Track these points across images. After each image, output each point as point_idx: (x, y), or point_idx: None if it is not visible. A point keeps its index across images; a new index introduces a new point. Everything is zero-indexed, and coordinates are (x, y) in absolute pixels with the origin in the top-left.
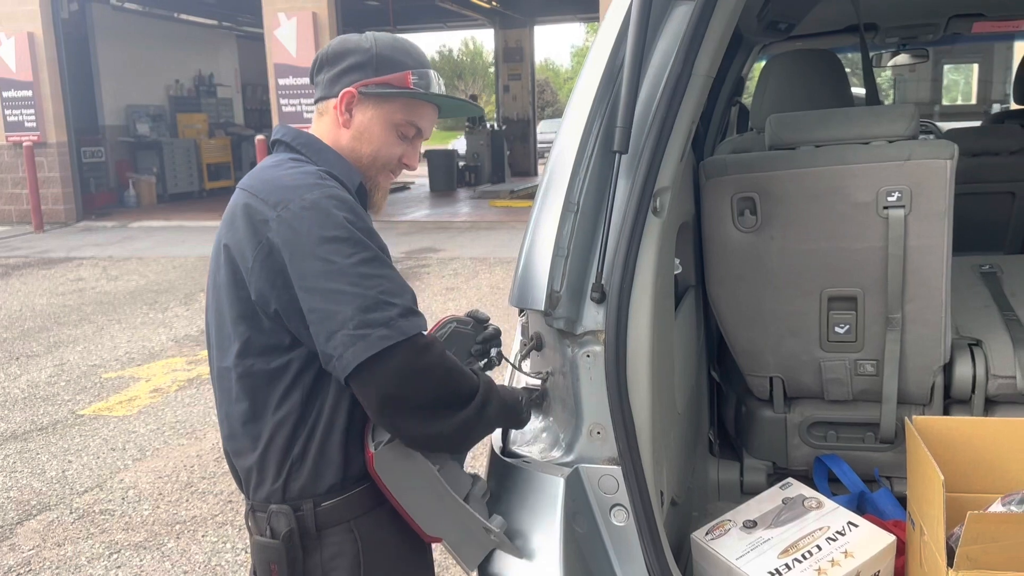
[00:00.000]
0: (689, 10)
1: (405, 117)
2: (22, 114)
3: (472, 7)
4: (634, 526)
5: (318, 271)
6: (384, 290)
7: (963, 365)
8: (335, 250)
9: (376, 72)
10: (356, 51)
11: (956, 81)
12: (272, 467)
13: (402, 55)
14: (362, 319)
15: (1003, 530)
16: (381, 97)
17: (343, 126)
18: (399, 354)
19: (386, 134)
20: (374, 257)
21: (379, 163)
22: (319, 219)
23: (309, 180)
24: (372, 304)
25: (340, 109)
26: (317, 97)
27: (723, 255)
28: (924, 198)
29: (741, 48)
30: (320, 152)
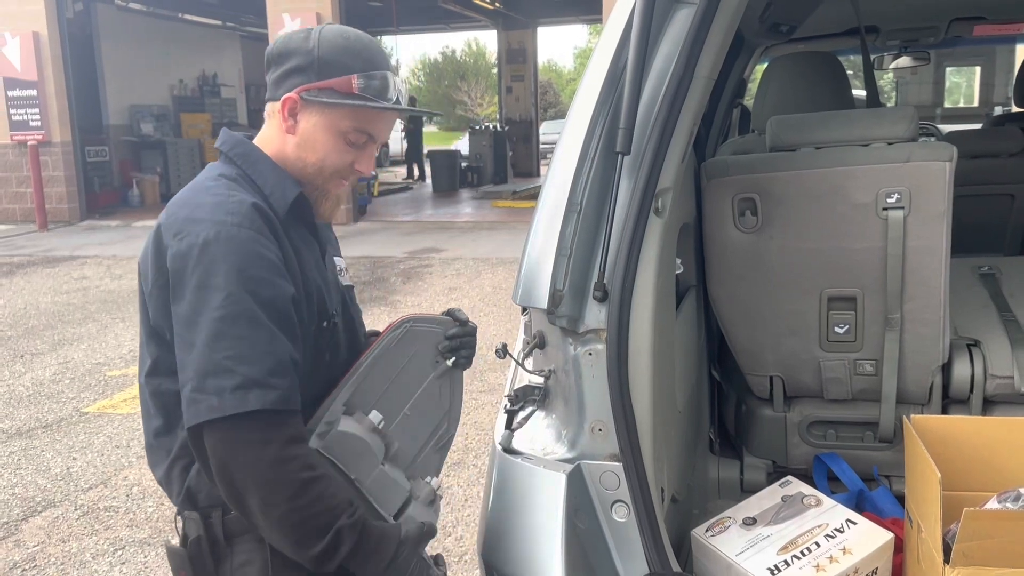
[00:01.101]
0: (691, 13)
1: (353, 124)
2: (27, 113)
3: (475, 8)
4: (635, 522)
5: (183, 316)
6: (232, 355)
7: (961, 365)
8: (203, 299)
9: (318, 76)
10: (298, 52)
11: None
12: (178, 477)
13: (347, 57)
14: (198, 383)
15: (999, 527)
16: (324, 104)
17: (288, 132)
18: (222, 431)
19: (333, 142)
20: (239, 314)
21: (327, 172)
22: (201, 262)
23: (215, 213)
24: (212, 368)
25: (283, 115)
26: (266, 98)
27: (724, 255)
28: (923, 199)
29: (743, 50)
30: (255, 164)
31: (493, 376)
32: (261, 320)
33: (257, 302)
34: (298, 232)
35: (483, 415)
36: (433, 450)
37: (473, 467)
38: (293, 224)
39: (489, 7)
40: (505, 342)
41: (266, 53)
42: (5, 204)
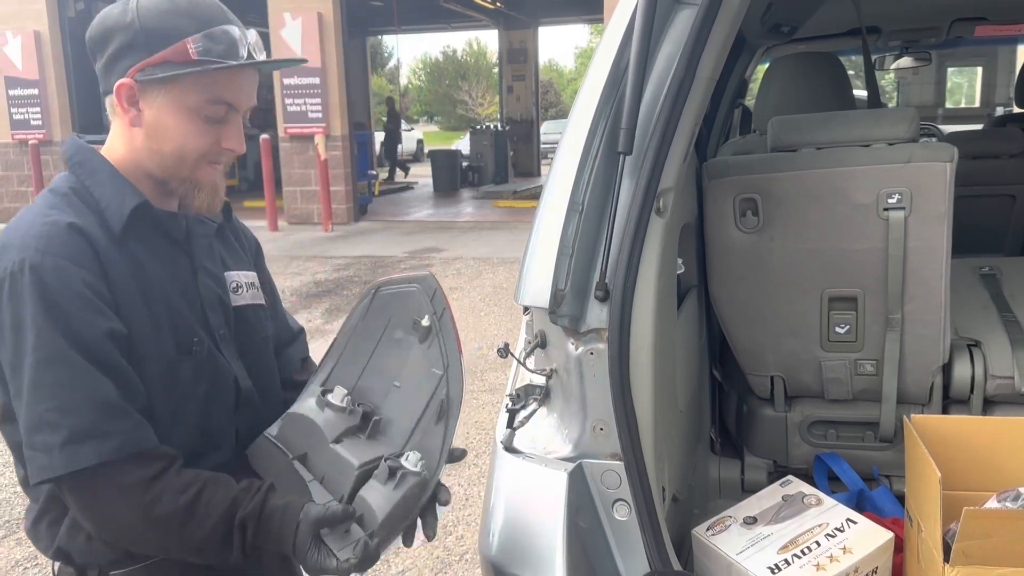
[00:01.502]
0: (693, 14)
1: (204, 97)
2: (28, 112)
3: (476, 8)
4: (636, 521)
5: (7, 361)
6: (53, 407)
7: (962, 365)
8: (19, 341)
9: (148, 51)
10: (118, 29)
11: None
12: (46, 533)
13: (175, 19)
14: (28, 438)
15: (998, 526)
16: (164, 81)
17: (133, 125)
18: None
19: (186, 124)
20: (53, 358)
21: (189, 160)
22: (12, 297)
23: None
24: (36, 423)
25: (122, 106)
26: (101, 92)
27: (725, 255)
28: (924, 200)
29: (744, 51)
30: (93, 173)
31: (494, 376)
32: (77, 362)
33: (70, 342)
34: (150, 249)
35: (484, 414)
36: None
37: (474, 466)
38: (140, 239)
39: (490, 7)
40: (507, 341)
41: (86, 40)
42: (6, 203)
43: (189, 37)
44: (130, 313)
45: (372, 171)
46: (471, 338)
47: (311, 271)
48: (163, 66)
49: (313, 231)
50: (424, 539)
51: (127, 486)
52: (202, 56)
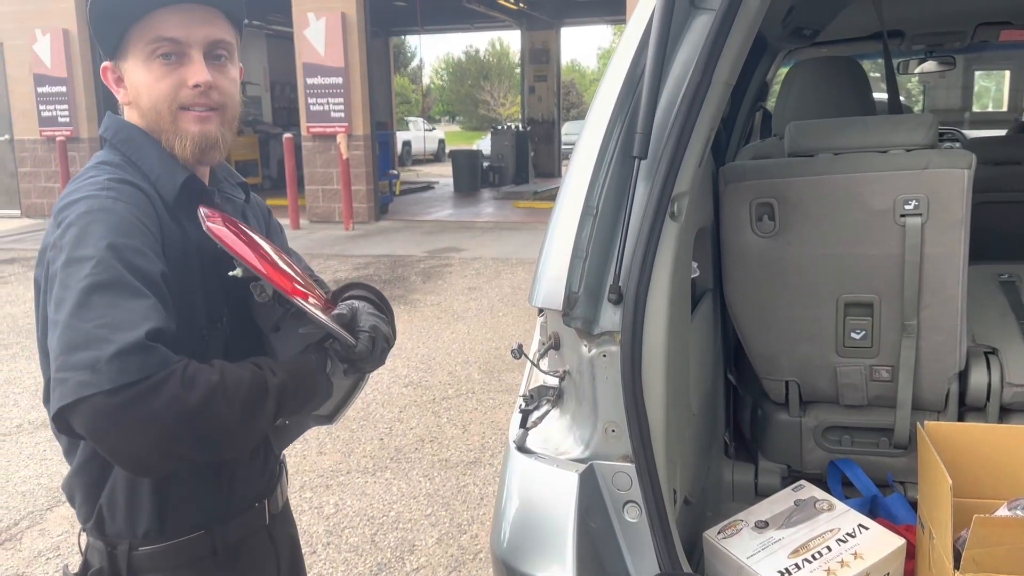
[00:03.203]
0: (710, 19)
1: (145, 43)
2: (56, 109)
3: (499, 8)
4: (646, 522)
5: (54, 299)
6: (104, 323)
7: (978, 373)
8: (71, 273)
9: (98, 32)
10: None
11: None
12: (85, 505)
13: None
14: (66, 359)
15: (1009, 534)
16: (114, 51)
17: (125, 103)
18: (99, 406)
19: (145, 74)
20: (111, 282)
21: (164, 110)
22: (73, 238)
23: (87, 191)
24: (82, 340)
25: (112, 88)
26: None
27: (741, 260)
28: (941, 207)
29: (766, 54)
30: (140, 149)
31: (511, 376)
32: (132, 285)
33: (128, 269)
34: (193, 221)
35: (501, 415)
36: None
37: (489, 466)
38: (187, 212)
39: (513, 7)
40: (521, 343)
41: None
42: (34, 199)
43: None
44: (173, 275)
45: (393, 171)
46: (488, 337)
47: (332, 269)
48: (105, 37)
49: (334, 230)
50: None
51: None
52: (115, 6)
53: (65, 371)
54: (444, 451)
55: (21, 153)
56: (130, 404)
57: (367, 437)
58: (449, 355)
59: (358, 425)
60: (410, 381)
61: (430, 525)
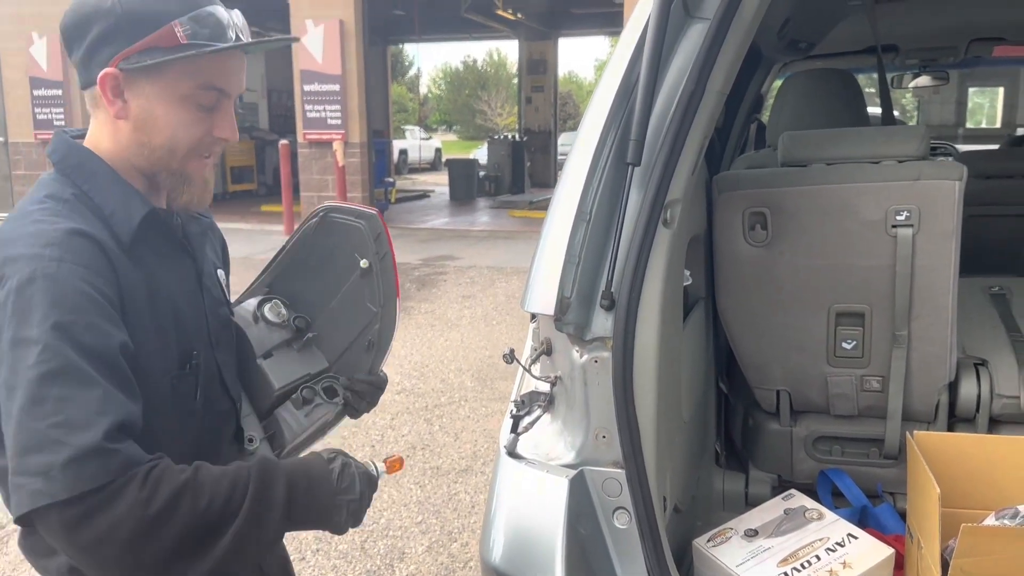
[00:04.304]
0: (705, 29)
1: (195, 83)
2: (51, 112)
3: (497, 19)
4: (636, 529)
5: (2, 379)
6: (57, 422)
7: (968, 384)
8: (19, 357)
9: (132, 37)
10: (98, 15)
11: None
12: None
13: (160, 2)
14: (20, 463)
15: (996, 543)
16: (151, 69)
17: (118, 117)
18: (55, 517)
19: (177, 113)
20: (60, 370)
21: (180, 152)
22: (16, 311)
23: (32, 248)
24: (35, 443)
25: (107, 98)
26: (80, 85)
27: (733, 268)
28: (933, 218)
29: (761, 66)
30: (92, 177)
31: (503, 384)
32: (88, 375)
33: (79, 353)
34: (157, 255)
35: (493, 423)
36: (362, 349)
37: (481, 474)
38: (150, 246)
39: (511, 17)
40: (512, 348)
41: (60, 30)
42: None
43: (176, 20)
44: (138, 326)
45: (389, 179)
46: (482, 345)
47: None
48: (150, 52)
49: None
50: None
51: (127, 502)
52: (191, 40)
53: (19, 476)
54: (436, 459)
55: (15, 156)
56: (87, 516)
57: (358, 444)
58: (442, 363)
59: (349, 432)
60: (403, 388)
61: (420, 532)
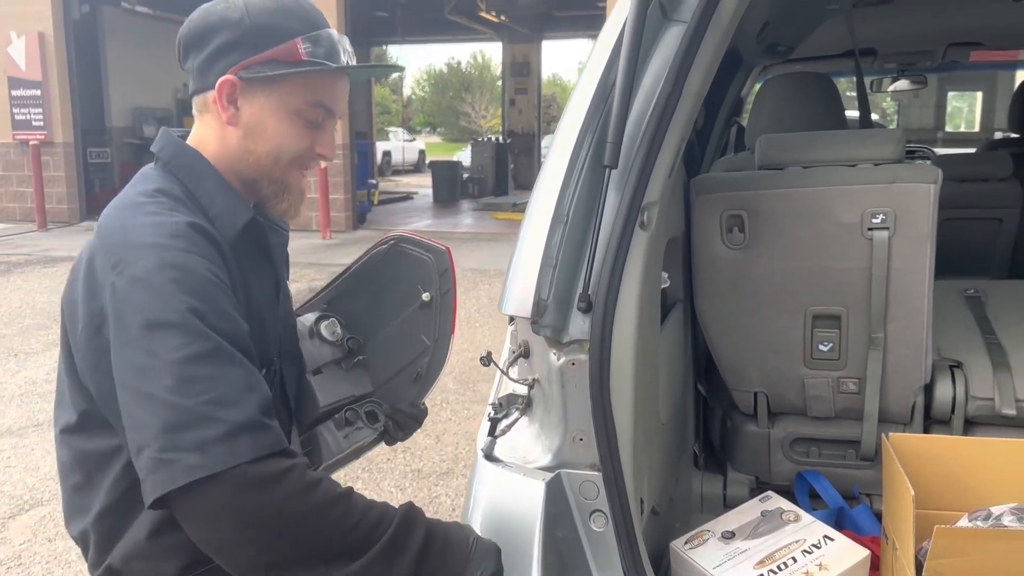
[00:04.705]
0: (682, 31)
1: (306, 99)
2: (30, 113)
3: (481, 21)
4: (612, 532)
5: (135, 364)
6: (210, 399)
7: (944, 386)
8: (158, 340)
9: (256, 48)
10: (224, 25)
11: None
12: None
13: (286, 18)
14: (170, 439)
15: (969, 545)
16: (270, 80)
17: (229, 123)
18: (210, 491)
19: (286, 125)
20: (211, 351)
21: (283, 162)
22: (148, 297)
23: (156, 237)
24: (187, 420)
25: (221, 104)
26: (192, 90)
27: (711, 271)
28: (908, 221)
29: (741, 69)
30: (200, 179)
31: (486, 387)
32: (233, 355)
33: (223, 336)
34: (250, 261)
35: (475, 425)
36: (409, 379)
37: (462, 476)
38: (245, 251)
39: (495, 20)
40: (490, 350)
41: (179, 38)
42: (5, 203)
43: (299, 37)
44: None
45: (372, 180)
46: (464, 348)
47: (308, 278)
48: (271, 64)
49: (311, 238)
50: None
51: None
52: (310, 57)
53: (169, 452)
54: (417, 461)
55: None
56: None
57: None
58: None
59: None
60: None
61: None
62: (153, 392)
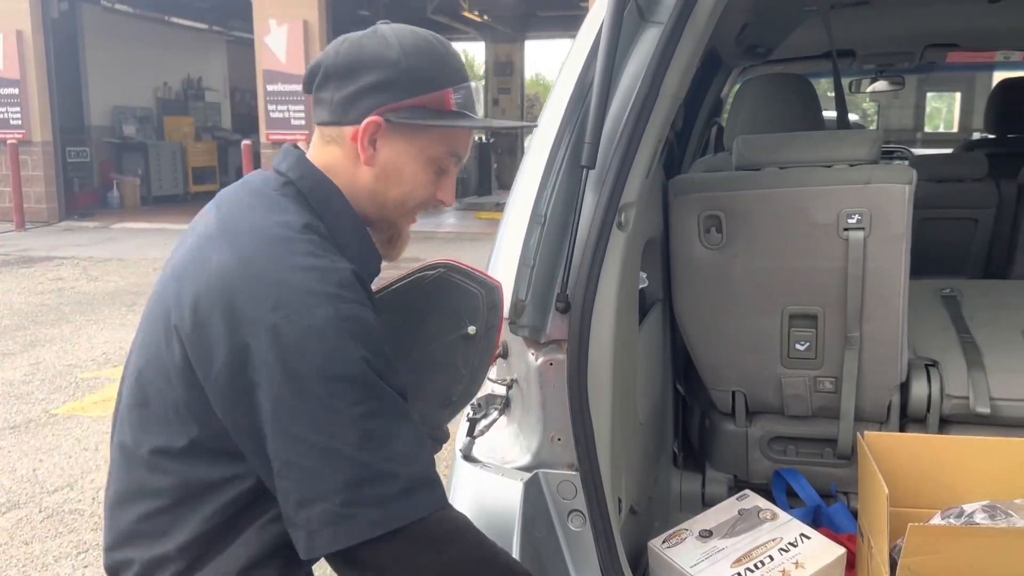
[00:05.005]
0: (659, 32)
1: (446, 148)
2: (7, 111)
3: (464, 20)
4: (590, 531)
5: (313, 417)
6: (390, 455)
7: (919, 385)
8: (339, 394)
9: (407, 92)
10: (379, 63)
11: (939, 109)
12: None
13: (439, 66)
14: (352, 495)
15: (942, 542)
16: (416, 127)
17: (366, 164)
18: (388, 546)
19: (421, 172)
20: (389, 407)
21: (409, 206)
22: (326, 349)
23: (326, 285)
24: (369, 475)
25: (362, 143)
26: (323, 120)
27: (689, 271)
28: (883, 221)
29: (720, 70)
30: (338, 217)
31: None
32: (404, 411)
33: (396, 391)
34: None
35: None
36: (439, 404)
37: (442, 477)
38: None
39: (477, 19)
40: None
41: (322, 63)
42: None
43: (451, 87)
44: None
45: None
46: None
47: None
48: (420, 111)
49: None
50: None
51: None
52: (458, 108)
53: (351, 507)
54: None
55: None
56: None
57: None
58: None
59: None
60: None
61: None
62: (335, 447)
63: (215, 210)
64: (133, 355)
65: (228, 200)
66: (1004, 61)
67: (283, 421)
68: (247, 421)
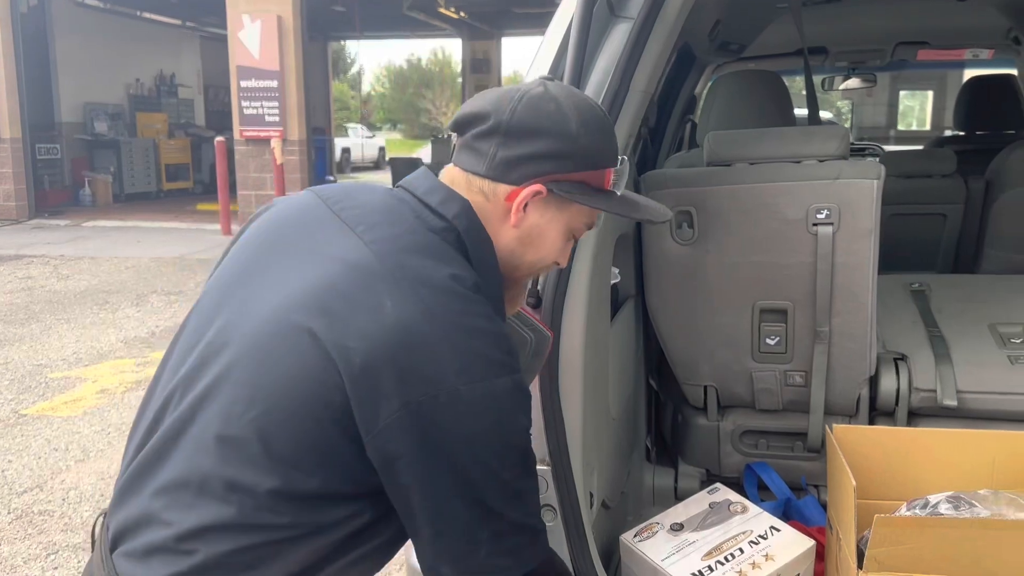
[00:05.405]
0: (629, 28)
1: (586, 222)
2: None
3: (440, 17)
4: (562, 526)
5: (473, 473)
6: (529, 511)
7: (888, 378)
8: (502, 457)
9: (575, 166)
10: (556, 133)
11: (912, 107)
12: None
13: (607, 144)
14: (496, 546)
15: (908, 533)
16: (570, 200)
17: (514, 225)
18: None
19: (558, 240)
20: (530, 470)
21: (536, 268)
22: (502, 419)
23: (502, 354)
24: (511, 528)
25: (519, 205)
26: (475, 170)
27: (661, 267)
28: (852, 216)
29: (694, 68)
30: (488, 275)
31: None
32: (534, 467)
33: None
34: None
35: None
36: None
37: None
38: None
39: (454, 16)
40: None
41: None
42: None
43: (612, 168)
44: None
45: (330, 176)
46: None
47: None
48: (581, 186)
49: None
50: None
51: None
52: (613, 187)
53: (495, 557)
54: None
55: None
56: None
57: None
58: None
59: None
60: None
61: None
62: (491, 504)
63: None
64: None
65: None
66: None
67: (446, 479)
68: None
